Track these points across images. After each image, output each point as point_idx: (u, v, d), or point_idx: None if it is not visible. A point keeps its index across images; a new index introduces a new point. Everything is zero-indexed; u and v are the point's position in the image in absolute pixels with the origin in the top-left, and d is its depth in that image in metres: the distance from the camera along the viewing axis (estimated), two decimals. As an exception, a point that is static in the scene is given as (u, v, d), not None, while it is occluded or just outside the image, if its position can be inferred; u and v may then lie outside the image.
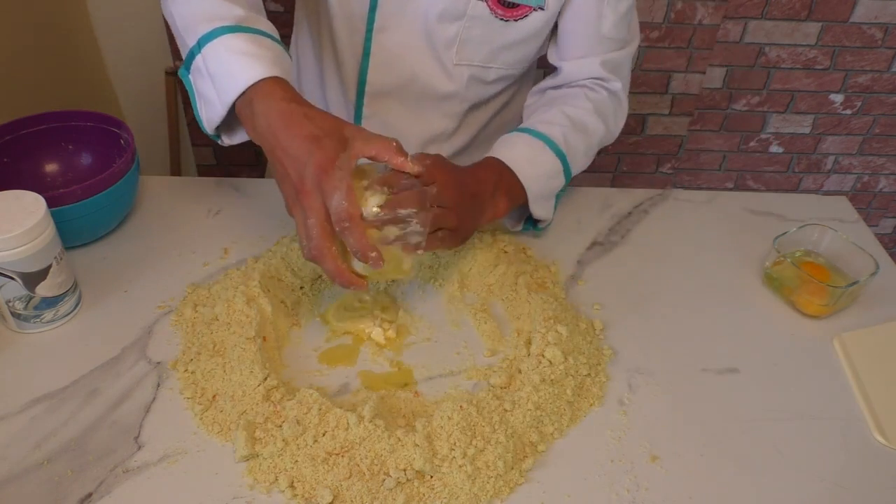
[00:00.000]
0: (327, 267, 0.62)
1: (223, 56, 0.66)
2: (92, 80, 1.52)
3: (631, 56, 0.89)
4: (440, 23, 0.83)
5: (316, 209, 0.61)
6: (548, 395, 0.63)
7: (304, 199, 0.61)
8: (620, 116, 0.90)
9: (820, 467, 0.61)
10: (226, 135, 0.73)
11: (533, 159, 0.79)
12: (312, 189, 0.60)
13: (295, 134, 0.61)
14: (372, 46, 0.87)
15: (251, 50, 0.65)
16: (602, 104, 0.86)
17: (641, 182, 2.03)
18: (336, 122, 0.63)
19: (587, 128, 0.84)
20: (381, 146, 0.62)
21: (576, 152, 0.83)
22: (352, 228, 0.60)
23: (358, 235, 0.60)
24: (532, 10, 0.82)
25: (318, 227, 0.61)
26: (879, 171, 2.03)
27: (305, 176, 0.60)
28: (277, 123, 0.62)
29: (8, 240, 0.63)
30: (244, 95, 0.65)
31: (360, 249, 0.60)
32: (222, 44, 0.66)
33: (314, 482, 0.56)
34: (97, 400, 0.64)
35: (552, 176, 0.80)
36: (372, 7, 0.84)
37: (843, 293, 0.74)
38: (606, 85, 0.88)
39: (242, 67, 0.64)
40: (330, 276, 0.63)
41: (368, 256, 0.61)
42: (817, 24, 1.72)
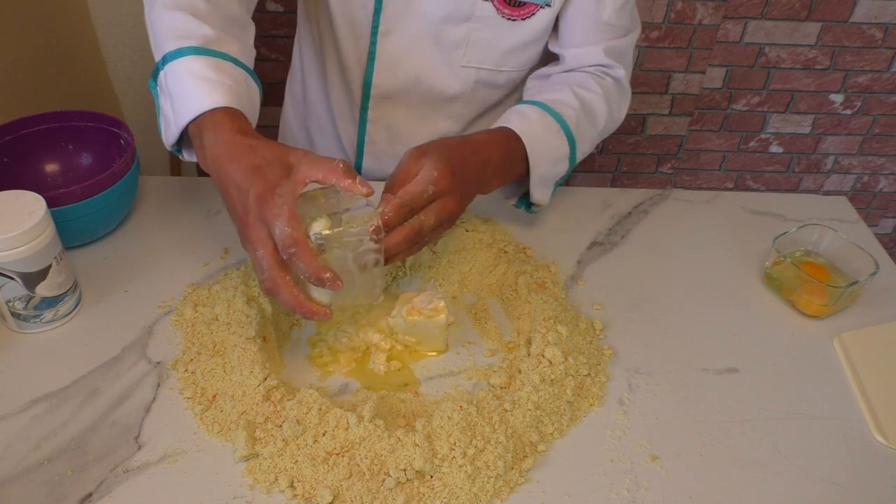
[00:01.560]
0: (284, 298, 0.60)
1: (181, 78, 0.65)
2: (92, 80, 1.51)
3: (633, 44, 0.88)
4: (446, 25, 0.83)
5: (262, 240, 0.58)
6: (548, 395, 0.63)
7: (250, 232, 0.59)
8: (624, 104, 0.90)
9: (820, 467, 0.61)
10: (186, 151, 0.72)
11: (546, 139, 0.77)
12: (255, 220, 0.58)
13: (238, 166, 0.59)
14: (377, 50, 0.86)
15: (208, 75, 0.64)
16: (609, 91, 0.86)
17: (641, 182, 2.03)
18: (280, 151, 0.61)
19: (595, 115, 0.83)
20: (328, 168, 0.59)
21: (583, 139, 0.82)
22: (299, 253, 0.57)
23: (307, 259, 0.57)
24: (539, 8, 0.82)
25: (267, 258, 0.58)
26: (879, 171, 2.03)
27: (248, 208, 0.58)
28: (223, 156, 0.60)
29: (8, 240, 0.63)
30: (195, 122, 0.64)
31: (311, 273, 0.57)
32: (182, 65, 0.65)
33: (314, 482, 0.56)
34: (97, 400, 0.64)
35: (558, 161, 0.79)
36: (376, 11, 0.83)
37: (843, 293, 0.74)
38: (610, 72, 0.87)
39: (196, 93, 0.64)
40: (289, 307, 0.60)
41: (323, 279, 0.58)
42: (817, 24, 1.72)
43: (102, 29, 1.52)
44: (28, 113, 0.84)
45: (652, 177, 2.02)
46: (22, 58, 1.22)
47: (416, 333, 0.69)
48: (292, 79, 1.03)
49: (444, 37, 0.84)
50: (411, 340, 0.70)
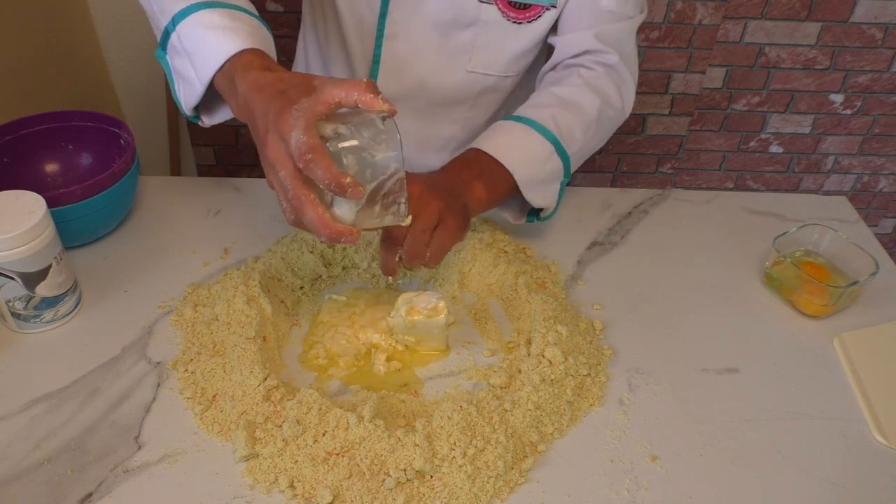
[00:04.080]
0: (309, 217, 0.56)
1: (198, 32, 0.63)
2: (92, 80, 1.52)
3: (633, 29, 0.85)
4: (452, 29, 0.83)
5: (281, 159, 0.56)
6: (548, 395, 0.63)
7: (268, 152, 0.56)
8: (627, 91, 0.86)
9: (820, 467, 0.61)
10: (206, 115, 0.71)
11: (515, 143, 0.76)
12: (275, 139, 0.56)
13: (264, 93, 0.58)
14: (382, 53, 0.86)
15: (227, 24, 0.63)
16: (596, 79, 0.83)
17: (641, 182, 2.03)
18: (306, 76, 0.59)
19: (580, 106, 0.81)
20: (350, 85, 0.56)
21: (571, 133, 0.79)
22: (315, 159, 0.54)
23: (324, 165, 0.54)
24: (545, 10, 0.81)
25: (289, 176, 0.56)
26: (879, 171, 2.03)
27: (269, 128, 0.56)
28: (251, 90, 0.59)
29: (8, 240, 0.63)
30: (223, 70, 0.62)
31: (330, 179, 0.54)
32: (196, 20, 0.64)
33: (314, 482, 0.56)
34: (97, 400, 0.64)
35: (543, 159, 0.77)
36: (382, 14, 0.83)
37: (843, 293, 0.74)
38: (601, 59, 0.84)
39: (219, 42, 0.62)
40: (313, 229, 0.57)
41: (343, 184, 0.55)
42: (817, 24, 1.72)
43: (102, 29, 1.52)
44: (28, 113, 0.84)
45: (652, 177, 2.02)
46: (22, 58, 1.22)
47: (416, 333, 0.69)
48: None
49: (449, 41, 0.84)
50: (411, 340, 0.70)
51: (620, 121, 0.87)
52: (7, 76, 1.17)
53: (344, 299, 0.75)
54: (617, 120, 0.87)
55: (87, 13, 1.48)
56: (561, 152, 0.78)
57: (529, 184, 0.76)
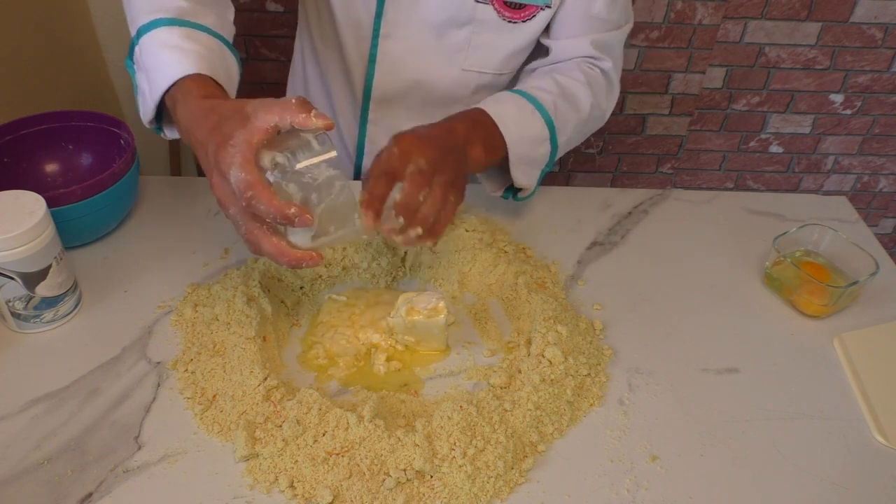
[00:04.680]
0: (265, 249, 0.57)
1: (154, 50, 0.64)
2: (92, 80, 1.51)
3: (623, 38, 0.87)
4: (448, 28, 0.83)
5: (227, 196, 0.56)
6: (548, 395, 0.63)
7: (216, 192, 0.57)
8: (611, 97, 0.89)
9: (820, 467, 0.61)
10: (167, 127, 0.71)
11: (521, 120, 0.77)
12: (216, 177, 0.56)
13: (201, 129, 0.58)
14: (378, 53, 0.86)
15: (180, 44, 0.63)
16: (594, 79, 0.85)
17: (641, 182, 2.03)
18: (237, 105, 0.58)
19: (578, 99, 0.82)
20: (281, 108, 0.56)
21: (565, 123, 0.81)
22: (256, 195, 0.54)
23: (266, 199, 0.54)
24: (539, 10, 0.82)
25: (238, 213, 0.56)
26: (879, 171, 2.03)
27: (210, 167, 0.56)
28: (190, 123, 0.59)
29: (8, 240, 0.63)
30: (170, 93, 0.63)
31: (273, 213, 0.54)
32: (156, 37, 0.64)
33: (314, 482, 0.56)
34: (97, 400, 0.64)
35: (537, 142, 0.78)
36: (377, 14, 0.83)
37: (843, 293, 0.74)
38: (597, 63, 0.86)
39: (169, 63, 0.62)
40: (274, 259, 0.58)
41: (288, 215, 0.55)
42: (817, 24, 1.72)
43: (102, 29, 1.52)
44: (28, 113, 0.84)
45: (652, 177, 2.02)
46: (22, 58, 1.22)
47: (416, 333, 0.69)
48: (293, 78, 1.03)
49: (445, 40, 0.84)
50: (411, 340, 0.70)
51: (600, 125, 0.90)
52: (7, 76, 1.17)
53: (344, 299, 0.75)
54: (598, 123, 0.89)
55: (87, 13, 1.48)
56: (553, 140, 0.80)
57: (518, 161, 0.77)
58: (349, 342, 0.70)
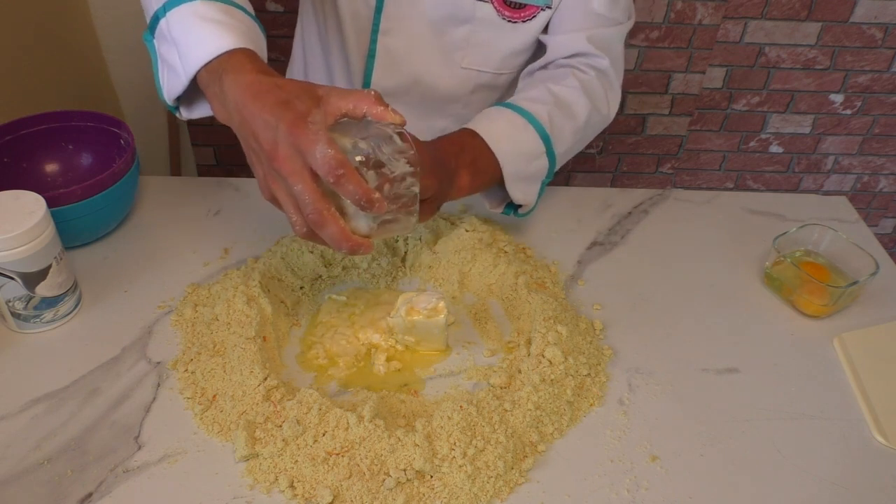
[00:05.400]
0: (331, 231, 0.56)
1: (190, 22, 0.61)
2: (92, 80, 1.52)
3: (622, 36, 0.85)
4: (447, 26, 0.83)
5: (298, 172, 0.54)
6: (548, 395, 0.63)
7: (283, 166, 0.54)
8: (613, 98, 0.86)
9: (820, 467, 0.61)
10: (185, 107, 0.69)
11: (513, 136, 0.75)
12: (288, 152, 0.54)
13: (263, 103, 0.55)
14: (377, 49, 0.86)
15: (220, 18, 0.61)
16: (590, 84, 0.83)
17: (641, 182, 2.03)
18: (308, 85, 0.57)
19: (572, 108, 0.80)
20: (358, 97, 0.56)
21: (561, 134, 0.79)
22: (347, 175, 0.53)
23: (356, 181, 0.53)
24: (539, 10, 0.82)
25: (307, 191, 0.54)
26: (879, 171, 2.03)
27: (278, 140, 0.54)
28: (245, 95, 0.56)
29: (8, 240, 0.63)
30: (210, 67, 0.60)
31: (362, 195, 0.54)
32: (190, 9, 0.61)
33: (314, 482, 0.56)
34: (97, 400, 0.64)
35: (533, 157, 0.77)
36: (377, 9, 0.83)
37: (843, 293, 0.74)
38: (593, 62, 0.84)
39: (210, 36, 0.59)
40: (334, 243, 0.56)
41: (374, 200, 0.54)
42: (817, 24, 1.72)
43: (102, 29, 1.52)
44: (28, 113, 0.84)
45: (652, 177, 2.02)
46: (22, 58, 1.22)
47: (416, 333, 0.69)
48: (292, 71, 1.03)
49: (444, 38, 0.84)
50: (411, 340, 0.70)
51: (603, 127, 0.88)
52: (7, 76, 1.17)
53: (343, 299, 0.75)
54: (601, 126, 0.87)
55: (87, 13, 1.48)
56: (550, 153, 0.78)
57: (514, 179, 0.76)
58: (349, 342, 0.70)
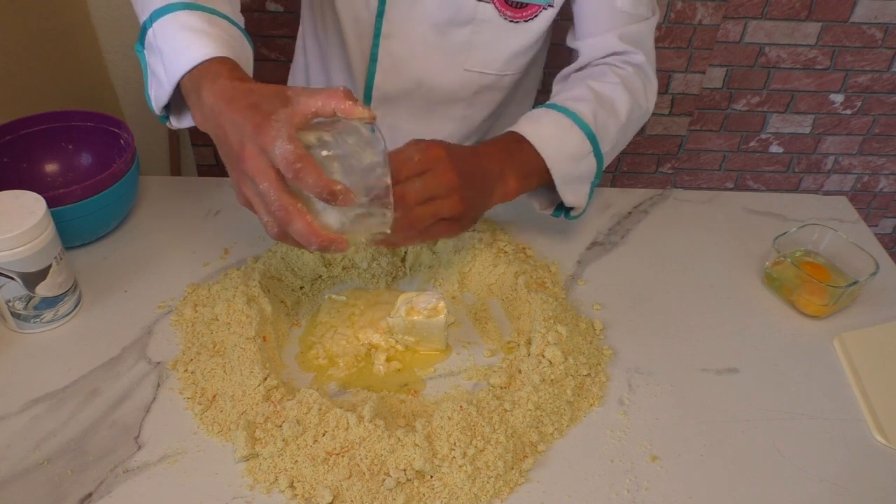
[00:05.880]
0: (298, 227, 0.55)
1: (174, 32, 0.62)
2: (92, 80, 1.51)
3: (651, 30, 0.84)
4: (449, 28, 0.83)
5: (263, 170, 0.54)
6: (548, 395, 0.63)
7: (249, 165, 0.55)
8: (651, 91, 0.86)
9: (820, 467, 0.61)
10: (174, 117, 0.69)
11: (560, 137, 0.74)
12: (254, 151, 0.54)
13: (235, 106, 0.56)
14: (379, 52, 0.86)
15: (202, 28, 0.62)
16: (629, 79, 0.82)
17: (641, 182, 2.03)
18: (279, 88, 0.57)
19: (615, 105, 0.80)
20: (327, 95, 0.55)
21: (606, 131, 0.78)
22: (305, 168, 0.53)
23: (315, 173, 0.53)
24: (541, 9, 0.81)
25: (272, 188, 0.54)
26: (879, 171, 2.02)
27: (244, 140, 0.55)
28: (220, 101, 0.57)
29: (8, 240, 0.63)
30: (192, 75, 0.61)
31: (322, 187, 0.53)
32: (174, 19, 0.62)
33: (314, 482, 0.56)
34: (97, 400, 0.64)
35: (580, 157, 0.76)
36: (379, 13, 0.83)
37: (843, 293, 0.74)
38: (629, 59, 0.83)
39: (191, 44, 0.61)
40: (303, 239, 0.56)
41: (335, 191, 0.53)
42: (817, 24, 1.72)
43: (102, 29, 1.52)
44: (28, 113, 0.84)
45: (652, 177, 2.02)
46: (22, 58, 1.22)
47: (416, 333, 0.69)
48: (294, 78, 1.03)
49: (446, 40, 0.84)
50: (411, 340, 0.70)
51: (644, 122, 0.87)
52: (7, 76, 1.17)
53: (343, 299, 0.75)
54: (642, 121, 0.86)
55: (87, 13, 1.48)
56: (597, 152, 0.77)
57: (564, 181, 0.75)
58: (349, 342, 0.70)
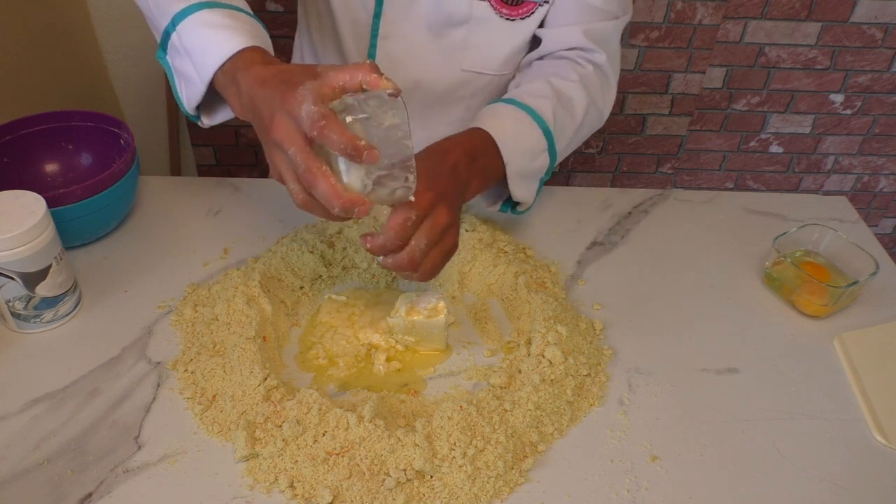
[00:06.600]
0: (322, 188, 0.55)
1: (199, 31, 0.64)
2: (92, 80, 1.52)
3: (619, 30, 0.84)
4: (445, 28, 0.83)
5: (291, 136, 0.55)
6: (548, 395, 0.63)
7: (276, 132, 0.56)
8: (609, 94, 0.86)
9: (820, 467, 0.61)
10: (206, 115, 0.71)
11: (518, 134, 0.75)
12: (283, 119, 0.55)
13: (267, 85, 0.58)
14: (377, 53, 0.86)
15: (227, 22, 0.64)
16: (589, 79, 0.82)
17: (641, 182, 2.03)
18: (306, 66, 0.59)
19: (573, 104, 0.80)
20: (353, 68, 0.56)
21: (563, 130, 0.79)
22: (329, 125, 0.53)
23: (339, 129, 0.53)
24: (537, 6, 0.81)
25: (299, 152, 0.55)
26: (879, 171, 2.03)
27: (273, 111, 0.56)
28: (255, 85, 0.59)
29: (8, 240, 0.63)
30: (224, 69, 0.63)
31: (346, 142, 0.53)
32: (197, 19, 0.64)
33: (314, 482, 0.56)
34: (97, 400, 0.64)
35: (535, 154, 0.76)
36: (376, 14, 0.83)
37: (843, 293, 0.74)
38: (590, 57, 0.83)
39: (220, 39, 0.63)
40: (326, 201, 0.55)
41: (359, 147, 0.53)
42: (817, 24, 1.72)
43: (102, 29, 1.52)
44: (28, 113, 0.84)
45: (652, 177, 2.02)
46: (22, 58, 1.22)
47: (416, 333, 0.69)
48: None
49: (443, 40, 0.84)
50: (411, 340, 0.70)
51: (600, 125, 0.87)
52: (7, 76, 1.17)
53: (343, 299, 0.75)
54: (597, 124, 0.86)
55: (87, 13, 1.49)
56: (551, 150, 0.78)
57: (517, 177, 0.76)
58: (349, 342, 0.70)
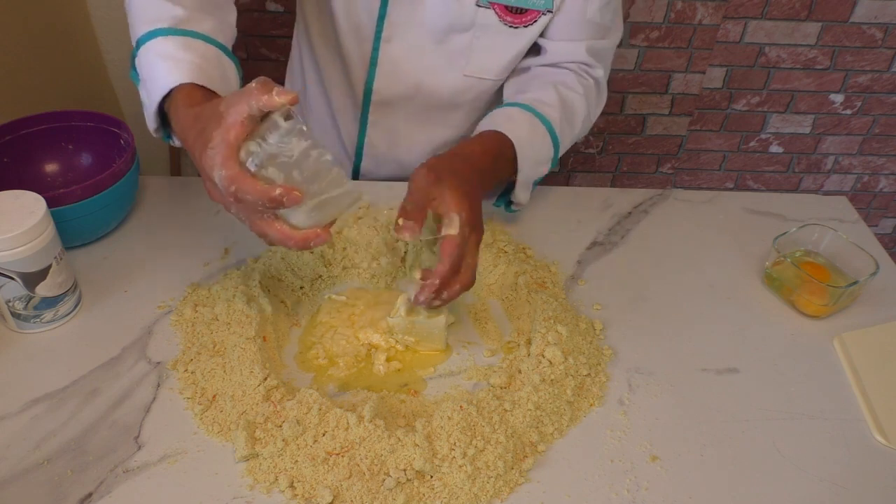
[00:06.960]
0: (272, 236, 0.58)
1: (150, 60, 0.65)
2: (92, 80, 1.51)
3: (613, 47, 0.88)
4: (449, 33, 0.83)
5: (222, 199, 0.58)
6: (548, 395, 0.63)
7: (211, 195, 0.59)
8: (600, 105, 0.91)
9: (820, 467, 0.61)
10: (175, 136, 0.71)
11: (534, 143, 0.78)
12: (208, 184, 0.58)
13: (190, 139, 0.59)
14: (379, 56, 0.86)
15: (175, 54, 0.64)
16: (590, 91, 0.87)
17: (641, 182, 2.03)
18: (214, 105, 0.58)
19: (575, 117, 0.84)
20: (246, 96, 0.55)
21: (563, 140, 0.83)
22: (240, 188, 0.54)
23: (249, 187, 0.54)
24: (541, 15, 0.82)
25: (240, 211, 0.58)
26: (879, 171, 2.03)
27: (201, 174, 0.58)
28: (181, 133, 0.61)
29: (8, 240, 0.63)
30: (167, 102, 0.64)
31: (260, 198, 0.54)
32: (152, 47, 0.65)
33: (314, 482, 0.56)
34: (97, 400, 0.64)
35: (542, 162, 0.80)
36: (380, 17, 0.83)
37: (843, 293, 0.74)
38: (591, 72, 0.87)
39: (161, 74, 0.63)
40: (281, 244, 0.58)
41: (275, 198, 0.54)
42: (817, 24, 1.72)
43: (102, 29, 1.52)
44: (28, 113, 0.84)
45: (652, 177, 2.02)
46: (22, 58, 1.22)
47: (416, 333, 0.69)
48: (291, 78, 1.03)
49: (446, 45, 0.84)
50: (411, 340, 0.70)
51: (583, 134, 0.91)
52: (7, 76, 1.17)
53: (343, 299, 0.75)
54: (585, 132, 0.90)
55: (87, 13, 1.48)
56: (554, 160, 0.82)
57: (523, 183, 0.79)
58: (349, 342, 0.70)
